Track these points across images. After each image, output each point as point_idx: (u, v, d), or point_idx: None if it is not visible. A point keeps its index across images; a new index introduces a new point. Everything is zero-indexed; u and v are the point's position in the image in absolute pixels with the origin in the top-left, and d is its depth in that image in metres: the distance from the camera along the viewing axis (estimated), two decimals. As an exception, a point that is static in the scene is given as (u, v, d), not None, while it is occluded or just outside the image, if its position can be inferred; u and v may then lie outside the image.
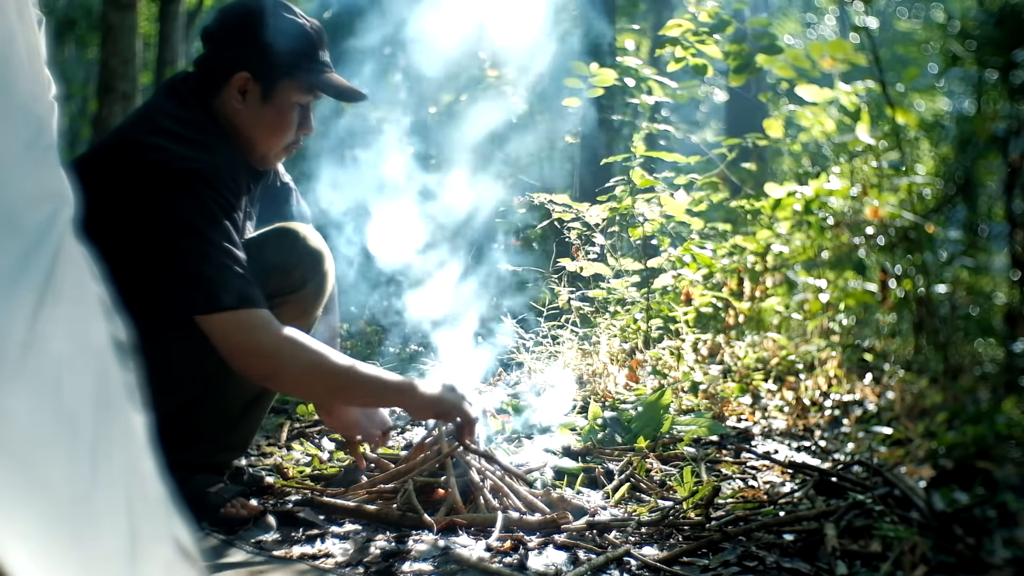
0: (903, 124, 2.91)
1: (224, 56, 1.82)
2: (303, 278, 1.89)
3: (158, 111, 1.78)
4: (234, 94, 1.81)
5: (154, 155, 1.66)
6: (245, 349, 1.64)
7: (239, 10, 1.84)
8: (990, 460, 1.64)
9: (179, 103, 1.80)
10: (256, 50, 1.80)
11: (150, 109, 1.82)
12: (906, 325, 2.95)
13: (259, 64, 1.80)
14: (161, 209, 1.64)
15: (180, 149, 1.68)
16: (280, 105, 1.84)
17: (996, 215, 2.60)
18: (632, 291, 3.62)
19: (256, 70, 1.81)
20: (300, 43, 1.82)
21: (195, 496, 1.77)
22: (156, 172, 1.64)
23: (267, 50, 1.80)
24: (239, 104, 1.82)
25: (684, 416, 2.68)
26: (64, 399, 0.69)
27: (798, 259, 3.64)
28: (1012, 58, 2.11)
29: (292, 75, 1.83)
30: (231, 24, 1.83)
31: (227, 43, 1.83)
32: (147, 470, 0.76)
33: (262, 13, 1.80)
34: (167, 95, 1.84)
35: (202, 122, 1.79)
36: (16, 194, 0.71)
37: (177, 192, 1.64)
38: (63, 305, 0.71)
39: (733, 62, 3.96)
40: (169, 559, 0.76)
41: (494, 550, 1.60)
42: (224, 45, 1.83)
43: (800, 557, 1.54)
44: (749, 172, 5.01)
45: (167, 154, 1.66)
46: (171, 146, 1.68)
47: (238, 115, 1.83)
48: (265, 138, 1.87)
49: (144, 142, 1.69)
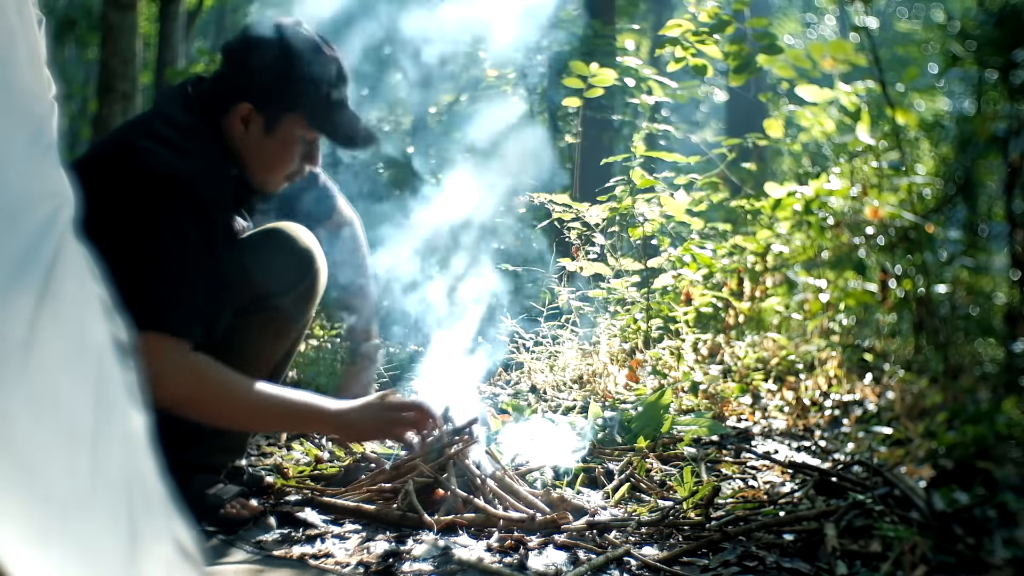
0: (903, 124, 2.91)
1: (234, 80, 1.80)
2: (293, 278, 1.87)
3: (158, 116, 1.78)
4: (237, 121, 1.79)
5: (142, 158, 1.66)
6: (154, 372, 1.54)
7: (258, 37, 1.80)
8: (990, 460, 1.64)
9: (182, 108, 1.79)
10: (265, 82, 1.77)
11: (151, 113, 1.82)
12: (906, 325, 2.95)
13: (265, 97, 1.78)
14: (135, 212, 1.63)
15: (167, 155, 1.67)
16: (283, 139, 1.81)
17: (996, 215, 2.60)
18: (632, 291, 3.63)
19: (261, 102, 1.78)
20: (312, 79, 1.78)
21: (195, 496, 1.77)
22: (138, 175, 1.64)
23: (276, 83, 1.77)
24: (241, 132, 1.80)
25: (684, 416, 2.68)
26: (64, 399, 0.69)
27: (798, 259, 3.64)
28: (1012, 58, 2.11)
29: (298, 111, 1.79)
30: (247, 49, 1.80)
31: (239, 68, 1.80)
32: (147, 470, 0.76)
33: (280, 44, 1.77)
34: (172, 100, 1.82)
35: (199, 131, 1.77)
36: (16, 194, 0.71)
37: (153, 199, 1.63)
38: (63, 305, 0.71)
39: (733, 62, 3.96)
40: (169, 559, 0.75)
41: (494, 550, 1.60)
42: (236, 69, 1.80)
43: (800, 557, 1.54)
44: (749, 172, 5.01)
45: (153, 159, 1.66)
46: (159, 151, 1.67)
47: (240, 141, 1.81)
48: (264, 168, 1.85)
49: (135, 145, 1.69)
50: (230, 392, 1.67)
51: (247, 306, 1.83)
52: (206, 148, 1.76)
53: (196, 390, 1.63)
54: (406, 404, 1.80)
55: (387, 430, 1.79)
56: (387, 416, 1.77)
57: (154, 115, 1.79)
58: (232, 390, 1.67)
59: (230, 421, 1.74)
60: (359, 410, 1.76)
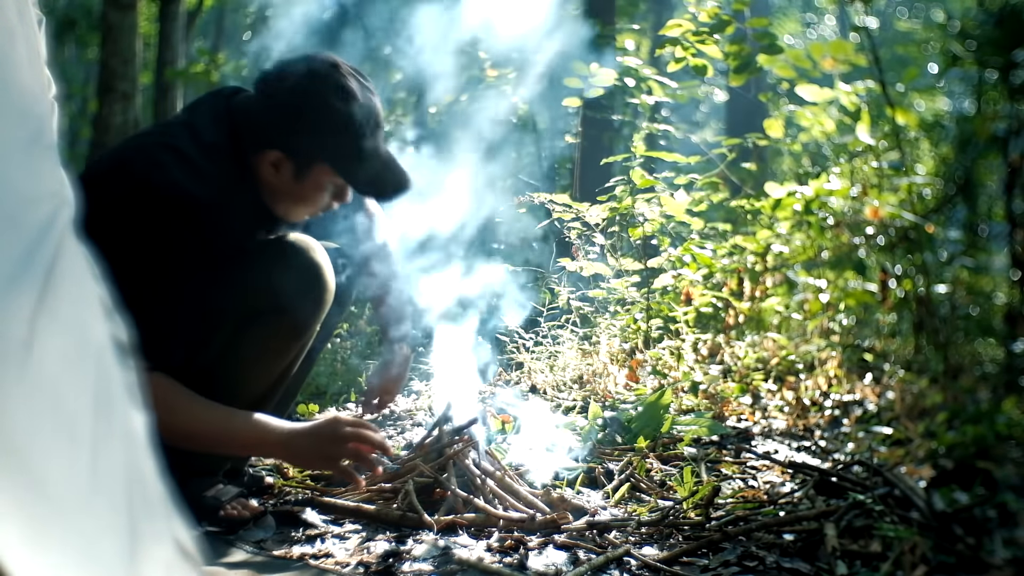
0: (903, 124, 2.91)
1: (265, 123, 1.75)
2: (298, 293, 1.83)
3: (188, 127, 1.74)
4: (268, 164, 1.75)
5: (156, 174, 1.63)
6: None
7: (292, 80, 1.73)
8: (990, 460, 1.64)
9: (212, 123, 1.75)
10: (295, 132, 1.73)
11: (184, 120, 1.77)
12: (906, 325, 2.95)
13: (295, 146, 1.74)
14: (134, 228, 1.61)
15: (181, 176, 1.64)
16: (313, 184, 1.78)
17: (996, 215, 2.60)
18: (632, 291, 3.63)
19: (291, 150, 1.74)
20: (343, 130, 1.73)
21: (195, 496, 1.77)
22: (146, 192, 1.62)
23: (306, 134, 1.72)
24: (272, 174, 1.76)
25: (684, 416, 2.68)
26: (64, 399, 0.69)
27: (798, 259, 3.64)
28: (1012, 58, 2.11)
29: (327, 162, 1.76)
30: (279, 93, 1.74)
31: (271, 111, 1.74)
32: (147, 470, 0.76)
33: (312, 90, 1.71)
34: (205, 111, 1.78)
35: (222, 151, 1.73)
36: (16, 194, 0.71)
37: (153, 219, 1.61)
38: (63, 305, 0.71)
39: (733, 62, 3.96)
40: (169, 559, 0.76)
41: (494, 550, 1.61)
42: (268, 111, 1.75)
43: (800, 557, 1.54)
44: (749, 172, 5.01)
45: (165, 177, 1.63)
46: (174, 170, 1.64)
47: (270, 182, 1.78)
48: (292, 208, 1.83)
49: (155, 158, 1.66)
50: (175, 415, 1.61)
51: (249, 319, 1.80)
52: (227, 171, 1.72)
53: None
54: (350, 436, 1.70)
55: (329, 465, 1.73)
56: (329, 451, 1.70)
57: (184, 124, 1.75)
58: (178, 413, 1.62)
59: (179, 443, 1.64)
60: (307, 437, 1.69)
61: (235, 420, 1.70)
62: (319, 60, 1.75)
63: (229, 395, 1.75)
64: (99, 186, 1.61)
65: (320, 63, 1.74)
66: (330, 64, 1.75)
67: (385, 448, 1.72)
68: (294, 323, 1.85)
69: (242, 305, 1.79)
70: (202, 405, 1.66)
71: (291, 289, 1.82)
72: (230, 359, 1.80)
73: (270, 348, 1.86)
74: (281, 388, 1.96)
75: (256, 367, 1.86)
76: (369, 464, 1.73)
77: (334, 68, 1.74)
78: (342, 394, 3.33)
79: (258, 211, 1.82)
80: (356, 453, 1.70)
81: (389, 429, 2.80)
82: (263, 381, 1.88)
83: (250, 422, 1.70)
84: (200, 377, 1.70)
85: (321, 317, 1.91)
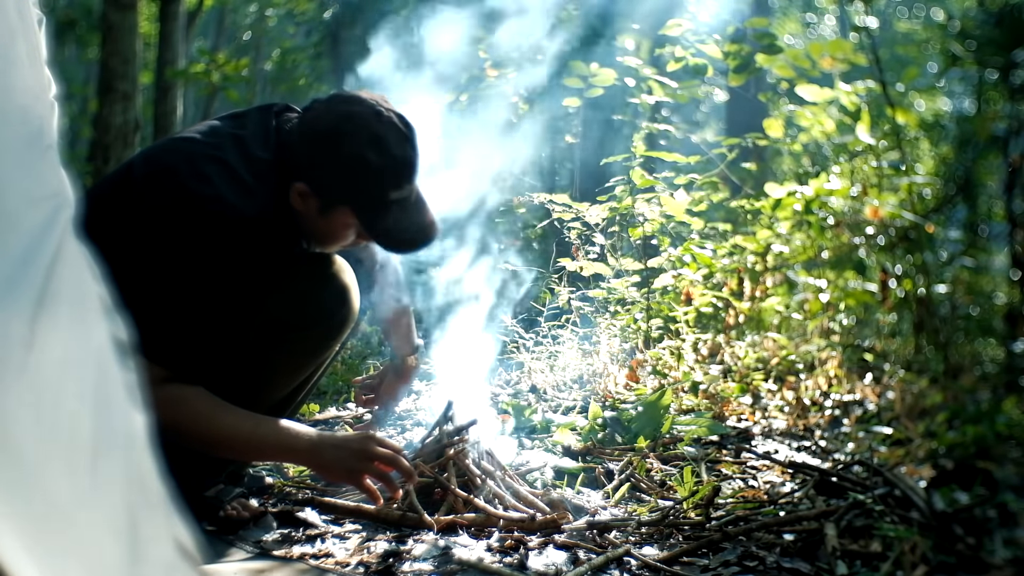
0: (903, 124, 2.91)
1: (298, 155, 1.73)
2: (326, 313, 1.83)
3: (235, 139, 1.73)
4: (296, 195, 1.74)
5: (200, 187, 1.62)
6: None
7: (332, 117, 1.71)
8: (990, 460, 1.64)
9: (262, 139, 1.74)
10: (324, 171, 1.71)
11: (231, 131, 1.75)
12: (906, 325, 2.95)
13: (321, 186, 1.72)
14: (174, 236, 1.61)
15: (226, 190, 1.64)
16: (337, 223, 1.77)
17: (996, 215, 2.60)
18: (632, 291, 3.63)
19: (318, 187, 1.72)
20: (371, 180, 1.72)
21: (195, 496, 1.77)
22: (191, 202, 1.61)
23: (334, 176, 1.71)
24: (300, 204, 1.75)
25: (684, 416, 2.68)
26: (64, 399, 0.69)
27: (798, 259, 3.64)
28: (1012, 58, 2.11)
29: (350, 207, 1.75)
30: (320, 127, 1.72)
31: (307, 144, 1.73)
32: (147, 470, 0.76)
33: (349, 131, 1.70)
34: (258, 125, 1.77)
35: (269, 171, 1.72)
36: (16, 194, 0.71)
37: (195, 231, 1.61)
38: (63, 305, 0.71)
39: (733, 62, 3.96)
40: (169, 560, 0.75)
41: (494, 550, 1.61)
42: (305, 142, 1.73)
43: (800, 557, 1.54)
44: (749, 172, 5.01)
45: (210, 190, 1.62)
46: (220, 184, 1.64)
47: (298, 211, 1.76)
48: (317, 239, 1.82)
49: (201, 169, 1.65)
50: (205, 422, 1.63)
51: (275, 333, 1.80)
52: (271, 190, 1.71)
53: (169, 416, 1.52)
54: (381, 456, 1.70)
55: (354, 479, 1.72)
56: (356, 466, 1.70)
57: (233, 137, 1.73)
58: (207, 421, 1.63)
59: (205, 448, 1.69)
60: (335, 449, 1.70)
61: (262, 427, 1.70)
62: (364, 104, 1.72)
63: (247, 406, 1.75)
64: (142, 190, 1.61)
65: (364, 107, 1.72)
66: (374, 111, 1.72)
67: (411, 475, 1.71)
68: (318, 342, 1.86)
69: (271, 319, 1.79)
70: (230, 413, 1.67)
71: (321, 309, 1.82)
72: (250, 370, 1.80)
73: (289, 364, 1.86)
74: (295, 401, 1.98)
75: (273, 381, 1.86)
76: (394, 488, 1.72)
77: (376, 116, 1.71)
78: (342, 394, 3.33)
79: (295, 232, 1.81)
80: (382, 474, 1.70)
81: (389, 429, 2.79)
82: (277, 394, 1.90)
83: (277, 429, 1.70)
84: (219, 384, 1.70)
85: (343, 338, 1.93)
